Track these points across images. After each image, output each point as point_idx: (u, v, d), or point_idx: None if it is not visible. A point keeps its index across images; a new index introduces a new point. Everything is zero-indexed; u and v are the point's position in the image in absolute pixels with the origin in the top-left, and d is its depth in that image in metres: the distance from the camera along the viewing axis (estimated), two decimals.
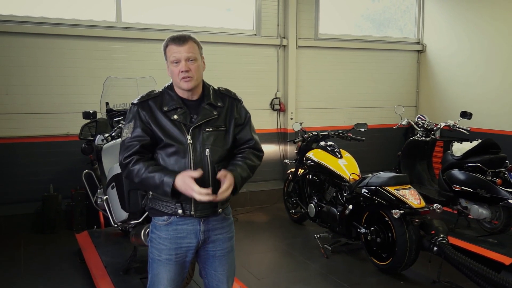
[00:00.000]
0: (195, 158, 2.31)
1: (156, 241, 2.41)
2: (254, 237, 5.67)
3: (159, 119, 2.33)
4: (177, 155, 2.32)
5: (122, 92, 5.13)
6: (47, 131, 5.95)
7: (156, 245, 2.41)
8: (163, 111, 2.34)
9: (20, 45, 5.75)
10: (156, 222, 2.43)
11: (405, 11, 8.49)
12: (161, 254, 2.39)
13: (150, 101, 2.36)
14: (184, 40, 2.31)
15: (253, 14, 7.18)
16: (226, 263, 2.51)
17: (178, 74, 2.30)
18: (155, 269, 2.41)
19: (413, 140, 5.73)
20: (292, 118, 7.32)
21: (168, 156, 2.33)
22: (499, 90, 7.01)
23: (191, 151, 2.31)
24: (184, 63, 2.29)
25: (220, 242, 2.47)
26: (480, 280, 3.60)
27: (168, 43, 2.33)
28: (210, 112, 2.38)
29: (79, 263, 4.69)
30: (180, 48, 2.29)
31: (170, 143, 2.31)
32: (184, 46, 2.30)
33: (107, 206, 3.88)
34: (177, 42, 2.30)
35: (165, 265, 2.39)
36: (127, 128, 2.35)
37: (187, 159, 2.31)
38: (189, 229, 2.38)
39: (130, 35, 6.30)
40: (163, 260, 2.38)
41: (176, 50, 2.30)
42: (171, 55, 2.31)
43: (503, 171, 4.68)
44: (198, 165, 2.30)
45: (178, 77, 2.31)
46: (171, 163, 2.32)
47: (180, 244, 2.38)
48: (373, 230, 4.48)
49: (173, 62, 2.31)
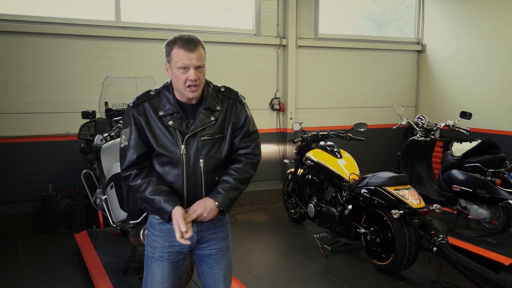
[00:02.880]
0: (188, 169, 2.27)
1: (151, 238, 2.42)
2: (254, 237, 5.66)
3: (153, 126, 2.26)
4: (170, 165, 2.28)
5: (121, 92, 5.13)
6: (46, 131, 5.93)
7: (150, 242, 2.42)
8: (158, 115, 2.25)
9: (19, 44, 5.74)
10: (151, 219, 2.43)
11: (405, 11, 8.49)
12: (154, 251, 2.40)
13: (146, 103, 2.27)
14: (195, 46, 2.17)
15: (253, 14, 7.18)
16: (222, 262, 2.48)
17: (185, 81, 2.18)
18: (149, 266, 2.43)
19: (412, 140, 5.73)
20: (291, 118, 7.32)
21: (162, 165, 2.30)
22: (499, 90, 7.01)
23: (184, 162, 2.26)
24: (193, 71, 2.16)
25: (215, 241, 2.45)
26: (480, 281, 3.59)
27: (175, 45, 2.18)
28: (207, 118, 2.28)
29: (78, 262, 4.69)
30: (190, 55, 2.15)
31: (163, 153, 2.26)
32: (195, 53, 2.16)
33: (106, 206, 3.88)
34: (187, 47, 2.15)
35: (158, 263, 2.39)
36: (124, 135, 2.30)
37: (179, 169, 2.27)
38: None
39: (130, 35, 6.28)
40: (156, 257, 2.40)
41: (186, 56, 2.15)
42: (179, 61, 2.16)
43: (502, 171, 4.68)
44: (190, 176, 2.28)
45: (184, 84, 2.18)
46: (165, 172, 2.30)
47: (173, 243, 2.34)
48: (372, 230, 4.48)
49: (180, 68, 2.16)
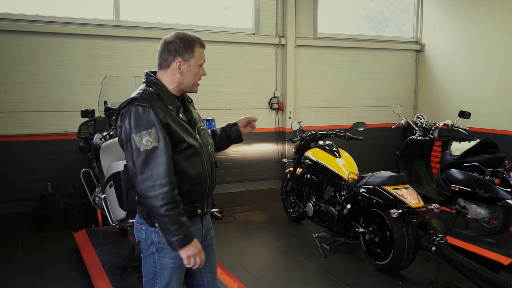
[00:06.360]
0: (206, 156, 2.32)
1: (170, 249, 2.24)
2: (252, 236, 5.67)
3: (174, 120, 2.21)
4: (196, 156, 2.25)
5: (120, 91, 5.11)
6: (45, 130, 5.92)
7: (170, 253, 2.26)
8: (171, 110, 2.23)
9: (18, 43, 5.73)
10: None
11: (403, 10, 8.48)
12: (176, 261, 2.28)
13: (156, 101, 2.20)
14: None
15: (252, 13, 7.17)
16: (214, 252, 2.55)
17: (200, 77, 2.34)
18: (167, 278, 2.31)
19: (411, 140, 5.73)
20: (290, 117, 7.31)
21: (188, 158, 2.23)
22: (497, 89, 7.02)
23: (203, 150, 2.32)
24: (203, 67, 2.36)
25: (210, 231, 2.52)
26: (479, 280, 3.60)
27: (197, 43, 2.30)
28: (195, 111, 2.44)
29: (77, 261, 4.68)
30: (204, 52, 2.35)
31: (192, 143, 2.23)
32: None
33: (105, 205, 3.89)
34: (203, 46, 2.34)
35: (179, 270, 2.33)
36: (149, 136, 2.09)
37: (202, 158, 2.29)
38: (196, 228, 2.36)
39: (129, 34, 6.27)
40: (178, 266, 2.30)
41: (203, 54, 2.34)
42: (202, 58, 2.32)
43: (501, 170, 4.69)
44: (208, 163, 2.33)
45: (196, 79, 2.33)
46: (192, 164, 2.24)
47: None
48: (371, 230, 4.48)
49: (201, 65, 2.33)
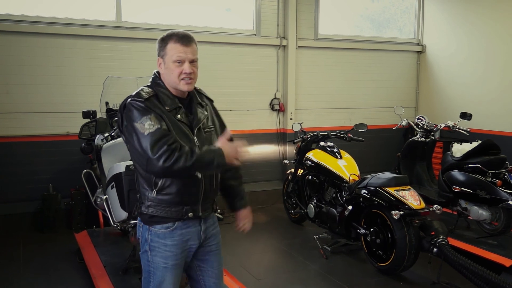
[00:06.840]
0: None
1: (161, 249, 2.31)
2: (253, 237, 5.66)
3: (168, 119, 2.22)
4: None
5: (122, 92, 5.08)
6: (46, 131, 5.93)
7: (161, 253, 2.31)
8: (166, 110, 2.25)
9: (19, 44, 5.74)
10: (157, 230, 2.31)
11: (404, 11, 8.49)
12: (167, 261, 2.31)
13: (152, 99, 2.23)
14: (190, 41, 2.26)
15: (253, 14, 7.17)
16: (220, 258, 2.54)
17: (180, 74, 2.24)
18: (159, 277, 2.33)
19: (412, 141, 5.73)
20: (291, 119, 7.31)
21: None
22: (498, 90, 7.02)
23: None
24: (188, 65, 2.24)
25: (214, 236, 2.50)
26: (480, 282, 3.59)
27: (171, 40, 2.24)
28: (203, 112, 2.39)
29: (78, 262, 4.69)
30: (186, 48, 2.24)
31: (182, 145, 2.21)
32: (190, 47, 2.25)
33: (107, 206, 3.89)
34: (183, 42, 2.24)
35: (171, 271, 2.34)
36: (150, 120, 2.14)
37: None
38: (193, 231, 2.36)
39: (130, 35, 6.28)
40: (170, 267, 2.32)
41: (182, 50, 2.23)
42: (175, 54, 2.23)
43: (503, 172, 4.68)
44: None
45: (178, 77, 2.24)
46: None
47: (185, 247, 2.36)
48: (372, 231, 4.48)
49: (175, 61, 2.23)
